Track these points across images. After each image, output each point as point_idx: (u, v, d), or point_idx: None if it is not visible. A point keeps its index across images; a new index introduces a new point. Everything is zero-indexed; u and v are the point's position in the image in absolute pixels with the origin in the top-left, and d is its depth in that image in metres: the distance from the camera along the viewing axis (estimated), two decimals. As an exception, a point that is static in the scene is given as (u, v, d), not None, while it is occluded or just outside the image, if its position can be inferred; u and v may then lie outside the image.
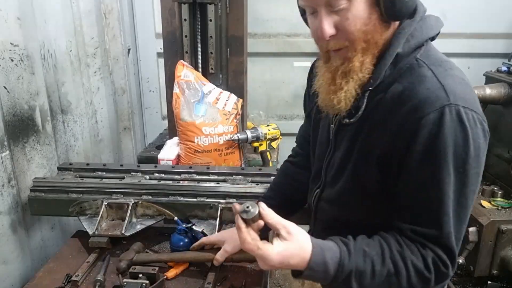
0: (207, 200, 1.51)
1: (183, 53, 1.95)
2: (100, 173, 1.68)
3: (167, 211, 1.52)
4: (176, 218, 1.47)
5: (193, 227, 1.45)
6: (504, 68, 2.28)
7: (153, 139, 2.45)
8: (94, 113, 2.25)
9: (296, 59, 2.90)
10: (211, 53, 1.96)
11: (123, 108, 2.57)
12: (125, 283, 1.21)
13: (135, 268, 1.27)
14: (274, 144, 2.08)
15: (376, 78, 0.93)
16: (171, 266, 1.36)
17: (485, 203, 2.11)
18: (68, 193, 1.55)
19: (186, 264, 1.37)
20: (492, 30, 2.77)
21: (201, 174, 1.65)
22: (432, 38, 0.98)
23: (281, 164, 1.49)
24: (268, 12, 2.79)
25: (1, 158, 1.46)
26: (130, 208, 1.50)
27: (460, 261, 2.01)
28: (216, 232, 1.43)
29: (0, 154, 1.46)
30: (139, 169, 1.68)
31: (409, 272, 0.89)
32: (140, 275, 1.24)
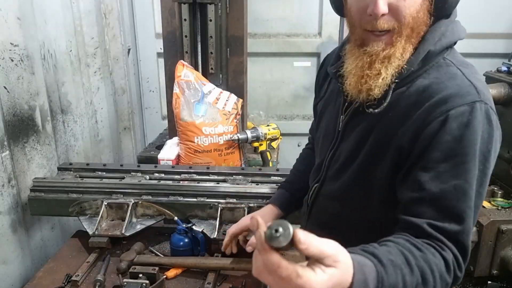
0: (207, 200, 1.51)
1: (183, 53, 1.95)
2: (100, 173, 1.68)
3: (167, 211, 1.52)
4: (176, 218, 1.48)
5: (193, 227, 1.45)
6: (504, 68, 2.28)
7: (153, 139, 2.45)
8: (94, 113, 2.25)
9: (296, 59, 2.90)
10: (211, 53, 1.96)
11: (123, 108, 2.57)
12: (125, 283, 1.21)
13: (135, 268, 1.27)
14: (274, 144, 2.08)
15: (404, 74, 0.92)
16: (171, 266, 1.36)
17: (485, 203, 2.11)
18: (68, 193, 1.55)
19: (186, 264, 1.37)
20: (492, 30, 2.77)
21: (201, 174, 1.65)
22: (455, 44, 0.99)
23: (301, 152, 1.47)
24: (268, 12, 2.79)
25: (1, 158, 1.46)
26: (130, 208, 1.50)
27: (460, 261, 2.00)
28: (216, 233, 1.43)
29: (0, 154, 1.46)
30: (139, 169, 1.68)
31: (435, 279, 0.80)
32: (140, 275, 1.24)
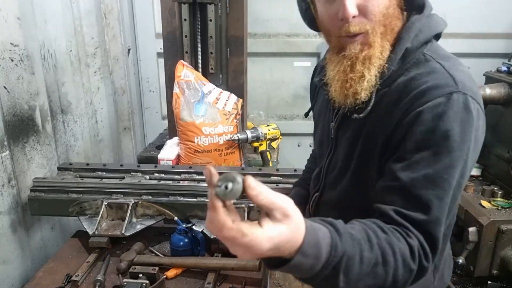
0: (207, 200, 1.50)
1: (183, 53, 1.95)
2: (100, 173, 1.68)
3: (167, 211, 1.52)
4: (176, 218, 1.48)
5: (193, 227, 1.45)
6: (504, 68, 2.28)
7: (153, 139, 2.45)
8: (94, 113, 2.25)
9: (296, 59, 2.90)
10: (211, 53, 1.96)
11: (123, 108, 2.57)
12: (125, 283, 1.21)
13: (135, 268, 1.27)
14: (274, 144, 2.08)
15: (386, 73, 0.92)
16: (171, 266, 1.36)
17: (485, 203, 2.11)
18: (68, 193, 1.55)
19: (186, 264, 1.37)
20: (492, 30, 2.77)
21: (201, 174, 1.65)
22: (437, 37, 0.98)
23: (311, 152, 1.46)
24: (268, 12, 2.79)
25: (1, 158, 1.46)
26: (130, 208, 1.50)
27: (460, 261, 2.00)
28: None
29: (0, 154, 1.46)
30: (139, 169, 1.68)
31: (397, 262, 0.78)
32: (140, 275, 1.24)
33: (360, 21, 0.88)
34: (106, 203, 1.52)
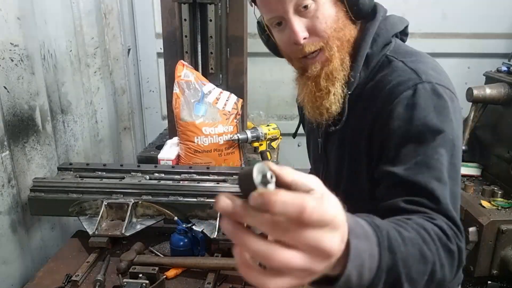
0: (207, 200, 1.51)
1: (183, 53, 1.95)
2: (100, 173, 1.68)
3: (167, 211, 1.52)
4: (176, 218, 1.48)
5: (193, 227, 1.45)
6: (504, 68, 2.28)
7: (153, 139, 2.45)
8: (94, 113, 2.25)
9: (296, 59, 2.90)
10: (211, 53, 1.96)
11: (123, 108, 2.57)
12: (125, 283, 1.21)
13: (135, 268, 1.27)
14: (274, 144, 2.08)
15: (353, 82, 0.95)
16: (171, 266, 1.36)
17: (485, 203, 2.11)
18: (68, 193, 1.55)
19: (186, 264, 1.37)
20: (492, 30, 2.77)
21: (201, 174, 1.65)
22: (403, 36, 1.01)
23: None
24: (268, 12, 2.78)
25: (1, 158, 1.46)
26: (130, 208, 1.50)
27: (460, 261, 2.00)
28: (216, 232, 1.43)
29: (0, 154, 1.46)
30: (139, 169, 1.68)
31: (435, 242, 0.69)
32: (140, 275, 1.24)
33: (313, 41, 0.92)
34: (106, 203, 1.52)
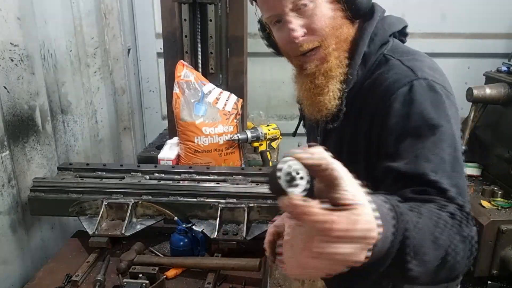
0: (207, 200, 1.51)
1: (183, 53, 1.95)
2: (100, 173, 1.68)
3: (167, 211, 1.52)
4: (176, 218, 1.48)
5: (193, 227, 1.45)
6: (504, 68, 2.28)
7: (153, 139, 2.45)
8: (94, 113, 2.25)
9: (296, 59, 2.90)
10: (211, 53, 1.96)
11: (123, 108, 2.57)
12: (125, 283, 1.21)
13: (135, 268, 1.27)
14: (274, 144, 2.08)
15: (351, 80, 0.97)
16: (171, 266, 1.36)
17: (485, 203, 2.11)
18: (68, 193, 1.55)
19: (186, 264, 1.37)
20: (492, 30, 2.77)
21: (201, 174, 1.65)
22: (402, 37, 1.02)
23: None
24: (268, 12, 2.78)
25: (1, 158, 1.46)
26: (130, 208, 1.50)
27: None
28: (216, 232, 1.43)
29: (0, 154, 1.46)
30: (139, 169, 1.68)
31: (449, 228, 0.67)
32: (140, 275, 1.24)
33: (310, 39, 0.93)
34: (106, 203, 1.52)
